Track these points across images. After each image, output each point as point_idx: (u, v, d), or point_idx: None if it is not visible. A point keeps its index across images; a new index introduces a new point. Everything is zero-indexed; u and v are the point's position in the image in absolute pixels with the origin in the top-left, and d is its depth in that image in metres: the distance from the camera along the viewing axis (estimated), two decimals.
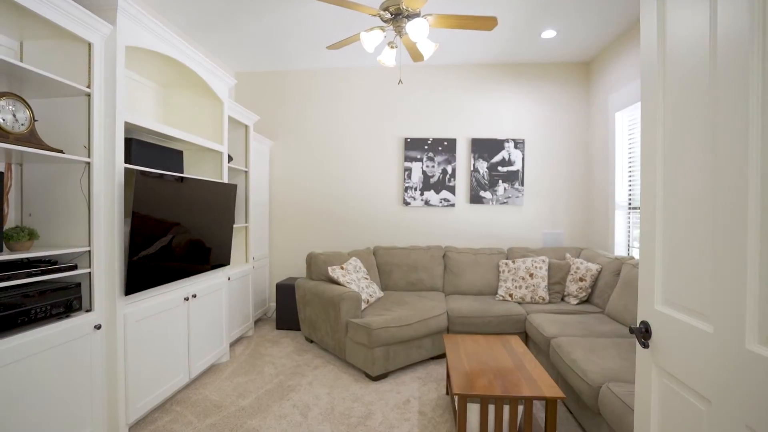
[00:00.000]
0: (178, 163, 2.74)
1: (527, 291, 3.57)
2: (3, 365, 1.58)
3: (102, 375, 2.05)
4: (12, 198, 2.03)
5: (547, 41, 3.73)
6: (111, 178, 2.05)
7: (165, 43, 2.41)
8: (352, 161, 4.52)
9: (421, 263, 4.04)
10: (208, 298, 2.94)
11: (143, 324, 2.27)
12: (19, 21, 1.83)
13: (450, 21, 2.46)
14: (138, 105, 2.87)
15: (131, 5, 2.06)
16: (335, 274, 3.41)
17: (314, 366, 3.18)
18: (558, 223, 4.33)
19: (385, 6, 2.41)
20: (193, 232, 2.68)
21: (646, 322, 1.20)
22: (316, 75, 4.54)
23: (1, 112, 1.67)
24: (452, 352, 2.45)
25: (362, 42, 2.47)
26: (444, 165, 4.38)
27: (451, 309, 3.39)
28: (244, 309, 3.76)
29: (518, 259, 3.79)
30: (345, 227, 4.53)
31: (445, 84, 4.40)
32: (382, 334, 2.91)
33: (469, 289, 3.93)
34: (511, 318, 3.27)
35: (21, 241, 1.80)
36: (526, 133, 4.34)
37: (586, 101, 4.28)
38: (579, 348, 2.34)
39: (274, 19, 3.35)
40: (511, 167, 4.33)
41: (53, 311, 1.81)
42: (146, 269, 2.24)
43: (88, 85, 1.97)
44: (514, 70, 4.33)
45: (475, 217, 4.39)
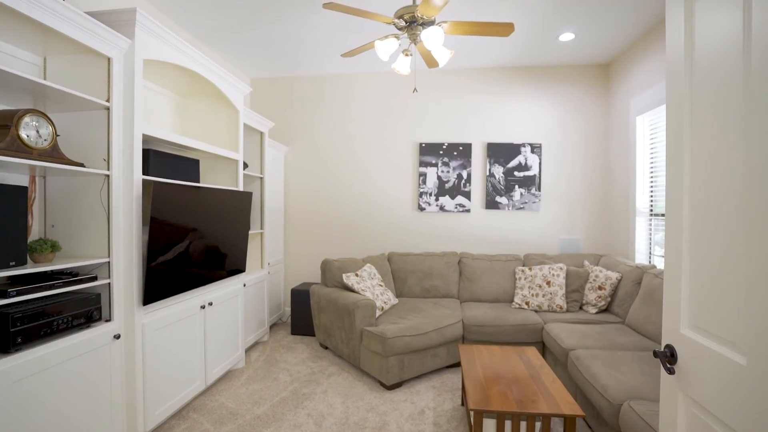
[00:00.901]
0: (194, 172, 2.78)
1: (544, 299, 3.51)
2: (27, 376, 1.62)
3: (121, 383, 2.08)
4: (36, 209, 2.09)
5: (564, 44, 3.66)
6: (129, 190, 2.08)
7: (181, 55, 2.44)
8: (367, 166, 4.51)
9: (436, 270, 4.01)
10: (224, 306, 2.97)
11: (161, 333, 2.30)
12: (43, 38, 1.87)
13: (465, 28, 2.43)
14: (156, 115, 2.92)
15: (148, 19, 2.09)
16: (350, 282, 3.41)
17: (329, 373, 3.18)
18: (576, 229, 4.24)
19: (400, 14, 2.39)
20: (209, 239, 2.71)
21: (671, 346, 1.15)
22: (330, 80, 4.55)
23: (25, 128, 1.71)
24: (467, 363, 2.41)
25: (377, 51, 2.45)
26: (459, 170, 4.34)
27: (467, 317, 3.35)
28: (260, 314, 3.79)
29: (535, 266, 3.73)
30: (359, 233, 4.53)
31: (460, 88, 4.36)
32: (397, 343, 2.89)
33: (484, 296, 3.88)
34: (527, 327, 3.21)
35: (44, 253, 1.84)
36: (543, 137, 4.27)
37: (605, 104, 4.18)
38: (599, 361, 2.28)
39: (289, 27, 3.37)
40: (527, 172, 4.26)
41: (74, 322, 1.84)
42: (163, 277, 2.27)
43: (107, 99, 2.01)
44: (530, 73, 4.26)
45: (491, 222, 4.34)
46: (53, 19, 1.73)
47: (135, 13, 2.00)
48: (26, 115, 1.71)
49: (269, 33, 3.47)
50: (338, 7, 2.24)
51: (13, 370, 1.59)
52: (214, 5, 3.00)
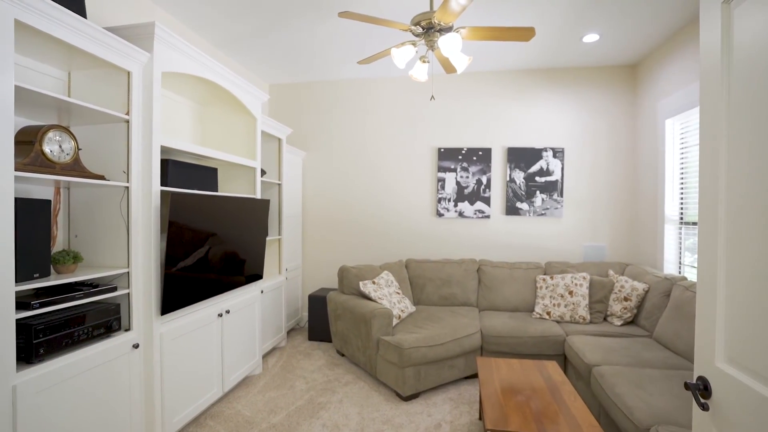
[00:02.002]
0: (212, 181, 2.80)
1: (566, 309, 3.40)
2: (49, 386, 1.66)
3: (140, 392, 2.11)
4: (60, 220, 2.14)
5: (588, 45, 3.54)
6: (147, 202, 2.11)
7: (199, 65, 2.47)
8: (385, 172, 4.48)
9: (455, 277, 3.94)
10: (241, 313, 2.99)
11: (178, 341, 2.32)
12: (67, 55, 1.92)
13: (484, 33, 2.37)
14: (176, 123, 2.97)
15: (167, 32, 2.12)
16: (366, 289, 3.38)
17: (345, 382, 3.17)
18: (600, 236, 4.10)
19: (416, 21, 2.35)
20: (226, 247, 2.73)
21: (704, 379, 1.07)
22: (347, 85, 4.54)
23: (48, 144, 1.75)
24: (485, 378, 2.35)
25: (393, 58, 2.42)
26: (479, 175, 4.26)
27: (485, 327, 3.27)
28: (277, 320, 3.80)
29: (557, 275, 3.61)
30: (377, 238, 4.50)
31: (480, 92, 4.28)
32: (414, 354, 2.84)
33: (504, 305, 3.79)
34: (548, 339, 3.11)
35: (66, 265, 1.89)
36: (565, 141, 4.14)
37: (631, 107, 4.02)
38: (624, 380, 2.18)
39: (306, 33, 3.37)
40: (549, 177, 4.14)
41: (95, 333, 1.88)
42: (181, 286, 2.30)
43: (126, 112, 2.04)
44: (552, 75, 4.14)
45: (511, 229, 4.24)
46: (76, 36, 1.77)
47: (153, 27, 2.03)
48: (49, 130, 1.75)
49: (286, 40, 3.48)
50: (354, 16, 2.22)
51: (35, 381, 1.62)
52: (233, 14, 3.03)
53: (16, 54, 1.90)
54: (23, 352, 1.63)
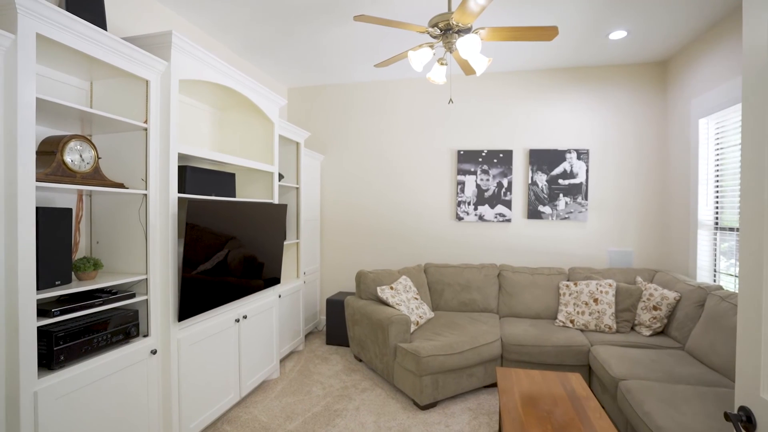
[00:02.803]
0: (230, 186, 2.82)
1: (591, 318, 3.27)
2: (69, 392, 1.69)
3: (157, 397, 2.13)
4: (83, 226, 2.18)
5: (615, 42, 3.39)
6: (165, 209, 2.13)
7: (216, 72, 2.48)
8: (403, 174, 4.43)
9: (474, 282, 3.85)
10: (258, 318, 3.00)
11: (196, 347, 2.34)
12: (89, 66, 1.96)
13: (504, 34, 2.29)
14: (195, 129, 3.00)
15: (184, 41, 2.13)
16: (384, 295, 3.34)
17: (362, 389, 3.13)
18: (626, 241, 3.93)
19: (434, 22, 2.29)
20: (244, 251, 2.74)
21: (748, 410, 0.98)
22: (365, 87, 4.51)
23: (69, 153, 1.78)
24: (505, 390, 2.27)
25: (410, 62, 2.37)
26: (499, 178, 4.16)
27: (506, 335, 3.18)
28: (295, 324, 3.81)
29: (581, 282, 3.48)
30: (395, 242, 4.45)
31: (500, 93, 4.17)
32: (431, 363, 2.78)
33: (525, 311, 3.68)
34: (572, 349, 3.00)
35: (87, 272, 1.92)
36: (590, 142, 4.00)
37: (661, 106, 3.85)
38: (654, 397, 2.06)
39: (323, 37, 3.35)
40: (573, 180, 4.00)
41: (113, 339, 1.90)
42: (197, 293, 2.31)
43: (145, 120, 2.06)
44: (576, 74, 4.00)
45: (533, 233, 4.12)
46: (96, 48, 1.80)
47: (171, 36, 2.04)
48: (70, 140, 1.78)
49: (304, 43, 3.48)
50: (370, 19, 2.18)
51: (56, 387, 1.65)
52: (251, 20, 3.04)
53: (41, 65, 1.95)
54: (44, 358, 1.66)
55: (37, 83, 1.95)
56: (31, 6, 1.53)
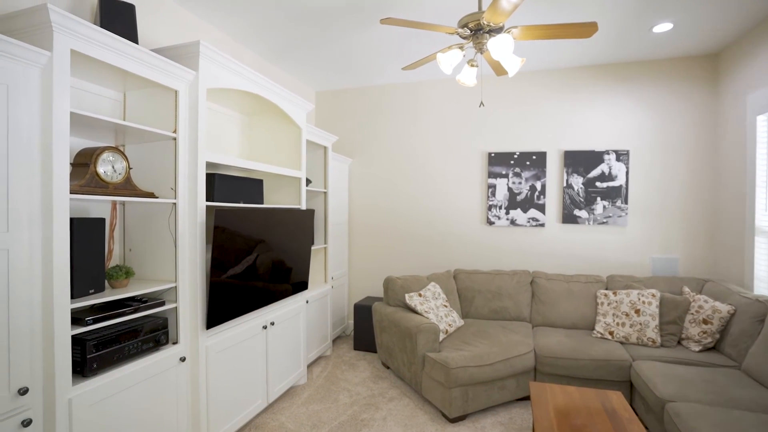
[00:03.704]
0: (258, 192, 2.83)
1: (632, 330, 3.07)
2: (101, 399, 1.72)
3: (186, 404, 2.15)
4: (117, 234, 2.24)
5: (660, 35, 3.18)
6: (194, 218, 2.15)
7: (243, 80, 2.49)
8: (432, 178, 4.34)
9: (506, 290, 3.72)
10: (286, 324, 3.00)
11: (223, 354, 2.35)
12: (122, 78, 2.00)
13: (539, 32, 2.17)
14: (224, 136, 3.03)
15: (211, 50, 2.14)
16: (412, 302, 3.27)
17: (389, 397, 3.08)
18: (671, 248, 3.68)
19: (464, 23, 2.20)
20: (271, 258, 2.74)
21: None
22: (393, 89, 4.45)
23: (102, 165, 1.82)
24: (539, 407, 2.15)
25: (439, 64, 2.29)
26: (532, 181, 3.99)
27: (539, 346, 3.04)
28: (323, 330, 3.80)
29: (621, 291, 3.28)
30: (424, 246, 4.37)
31: (533, 92, 4.01)
32: (461, 374, 2.69)
33: (560, 321, 3.51)
34: (611, 363, 2.82)
35: (119, 279, 1.96)
36: (630, 142, 3.77)
37: (711, 102, 3.57)
38: (707, 423, 1.89)
39: (350, 40, 3.32)
40: (611, 182, 3.79)
41: (144, 347, 1.93)
42: (224, 300, 2.32)
43: (174, 130, 2.08)
44: (615, 70, 3.79)
45: (568, 238, 3.93)
46: (127, 61, 1.84)
47: (199, 46, 2.05)
48: (103, 152, 1.82)
49: (331, 47, 3.46)
50: (396, 22, 2.12)
51: (89, 394, 1.69)
52: (278, 25, 3.04)
53: (78, 79, 2.01)
54: (78, 366, 1.70)
55: (75, 96, 2.01)
56: (66, 23, 1.57)
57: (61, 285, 1.59)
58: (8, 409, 1.49)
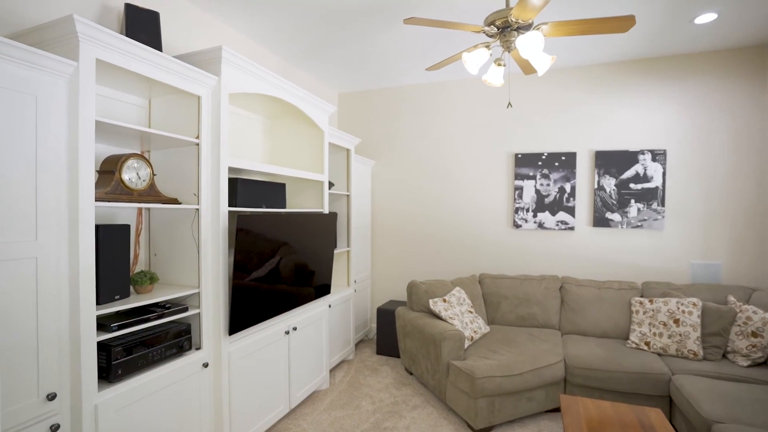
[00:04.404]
0: (281, 196, 2.82)
1: (671, 341, 2.89)
2: (127, 405, 1.73)
3: (209, 410, 2.16)
4: (143, 238, 2.26)
5: (701, 27, 2.98)
6: (216, 223, 2.15)
7: (265, 83, 2.47)
8: (456, 180, 4.24)
9: (534, 296, 3.59)
10: (308, 329, 2.98)
11: (246, 360, 2.35)
12: (147, 85, 2.02)
13: (571, 28, 2.06)
14: (247, 139, 3.04)
15: (233, 55, 2.13)
16: (437, 308, 3.20)
17: (413, 405, 3.01)
18: (713, 254, 3.46)
19: (490, 20, 2.11)
20: (294, 261, 2.72)
21: None
22: (417, 90, 4.38)
23: (127, 172, 1.83)
24: (571, 424, 2.04)
25: (465, 64, 2.20)
26: (561, 183, 3.84)
27: (570, 356, 2.90)
28: (346, 333, 3.77)
29: (658, 299, 3.10)
30: (449, 250, 4.28)
31: (562, 90, 3.85)
32: (487, 384, 2.60)
33: (591, 329, 3.36)
34: (648, 377, 2.66)
35: (144, 285, 1.97)
36: (667, 142, 3.57)
37: (760, 96, 3.34)
38: None
39: (373, 41, 3.27)
40: (647, 184, 3.60)
41: (167, 353, 1.94)
42: (247, 305, 2.31)
43: (197, 135, 2.09)
44: (651, 66, 3.59)
45: (600, 242, 3.76)
46: (152, 69, 1.85)
47: (221, 51, 2.05)
48: (128, 159, 1.83)
49: (354, 48, 3.42)
50: (420, 21, 2.05)
51: (115, 400, 1.70)
52: (300, 28, 3.03)
53: (106, 87, 2.04)
54: (104, 372, 1.71)
55: (105, 105, 2.04)
56: (92, 33, 1.58)
57: (87, 292, 1.61)
58: (37, 414, 1.52)
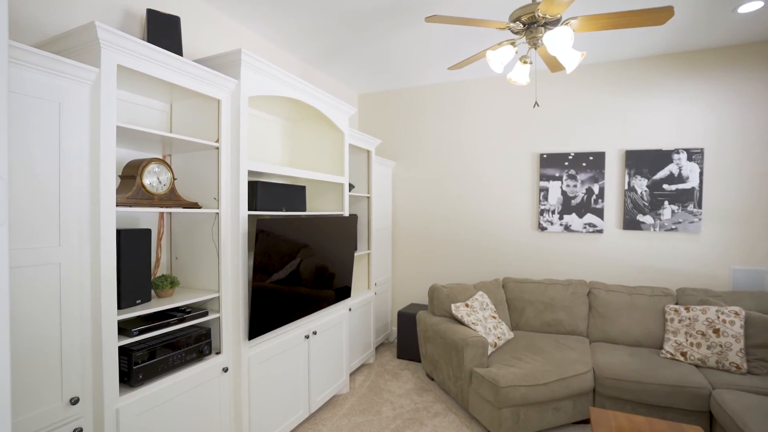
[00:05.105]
0: (300, 199, 2.80)
1: (710, 352, 2.73)
2: (147, 409, 1.73)
3: (229, 414, 2.15)
4: (165, 241, 2.28)
5: (745, 16, 2.80)
6: (236, 227, 2.13)
7: (285, 86, 2.45)
8: (479, 181, 4.14)
9: (560, 301, 3.46)
10: (328, 333, 2.95)
11: (266, 364, 2.33)
12: (169, 90, 2.02)
13: (603, 22, 1.95)
14: (267, 142, 3.04)
15: (253, 57, 2.12)
16: (459, 313, 3.12)
17: (434, 412, 2.94)
18: (756, 258, 3.25)
19: (516, 16, 2.03)
20: (314, 263, 2.70)
21: None
22: (438, 89, 4.30)
23: (148, 176, 1.84)
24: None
25: (489, 62, 2.13)
26: (589, 184, 3.69)
27: (599, 366, 2.77)
28: (366, 337, 3.73)
29: (695, 307, 2.93)
30: (471, 253, 4.18)
31: (590, 87, 3.70)
32: (512, 394, 2.51)
33: (621, 337, 3.21)
34: (686, 391, 2.51)
35: (165, 289, 1.98)
36: (705, 140, 3.37)
37: None
38: None
39: (394, 40, 3.22)
40: (682, 185, 3.41)
41: (187, 357, 1.94)
42: (268, 303, 2.29)
43: (216, 139, 2.08)
44: (687, 59, 3.40)
45: (630, 246, 3.59)
46: (172, 74, 1.85)
47: (240, 54, 2.03)
48: (149, 164, 1.84)
49: (374, 48, 3.38)
50: (442, 19, 1.99)
51: (136, 404, 1.70)
52: (320, 29, 3.00)
53: (129, 93, 2.05)
54: (125, 376, 1.72)
55: (128, 110, 2.06)
56: (113, 39, 1.58)
57: (108, 296, 1.61)
58: (61, 418, 1.53)
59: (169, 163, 2.25)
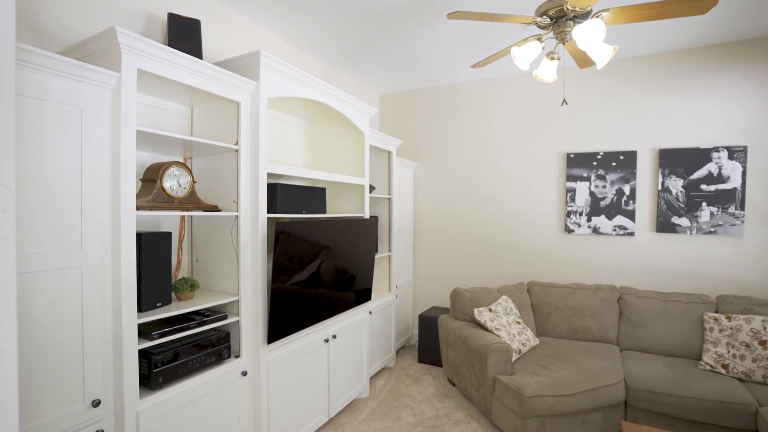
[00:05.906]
0: (320, 201, 2.77)
1: (756, 365, 2.54)
2: (167, 412, 1.74)
3: (248, 418, 2.14)
4: (186, 244, 2.29)
5: None
6: (255, 231, 2.12)
7: (304, 87, 2.43)
8: (503, 182, 4.03)
9: (588, 307, 3.31)
10: (348, 337, 2.92)
11: (285, 368, 2.31)
12: (188, 93, 2.02)
13: (638, 14, 1.83)
14: (287, 143, 3.03)
15: (272, 59, 2.10)
16: (482, 318, 3.03)
17: (456, 420, 2.86)
18: None
19: (543, 10, 1.93)
20: (335, 262, 2.67)
21: None
22: (461, 88, 4.20)
23: (168, 180, 1.84)
24: None
25: (514, 59, 2.04)
26: (619, 184, 3.53)
27: (631, 376, 2.63)
28: (386, 340, 3.68)
29: (738, 315, 2.75)
30: (494, 256, 4.07)
31: (621, 83, 3.53)
32: (537, 404, 2.40)
33: (654, 346, 3.04)
34: (729, 407, 2.34)
35: (185, 292, 1.98)
36: (748, 137, 3.16)
37: None
38: None
39: (416, 39, 3.15)
40: (722, 185, 3.21)
41: (207, 360, 1.93)
42: (287, 306, 2.27)
43: (236, 142, 2.07)
44: (729, 51, 3.20)
45: (664, 250, 3.41)
46: (192, 77, 1.85)
47: (259, 56, 2.02)
48: (169, 167, 1.84)
49: (395, 48, 3.32)
50: (465, 15, 1.91)
51: (156, 407, 1.71)
52: (340, 29, 2.97)
53: (151, 96, 2.07)
54: (145, 379, 1.72)
55: (149, 113, 2.08)
56: (133, 44, 1.59)
57: (128, 300, 1.62)
58: (83, 420, 1.54)
59: (190, 167, 2.26)
